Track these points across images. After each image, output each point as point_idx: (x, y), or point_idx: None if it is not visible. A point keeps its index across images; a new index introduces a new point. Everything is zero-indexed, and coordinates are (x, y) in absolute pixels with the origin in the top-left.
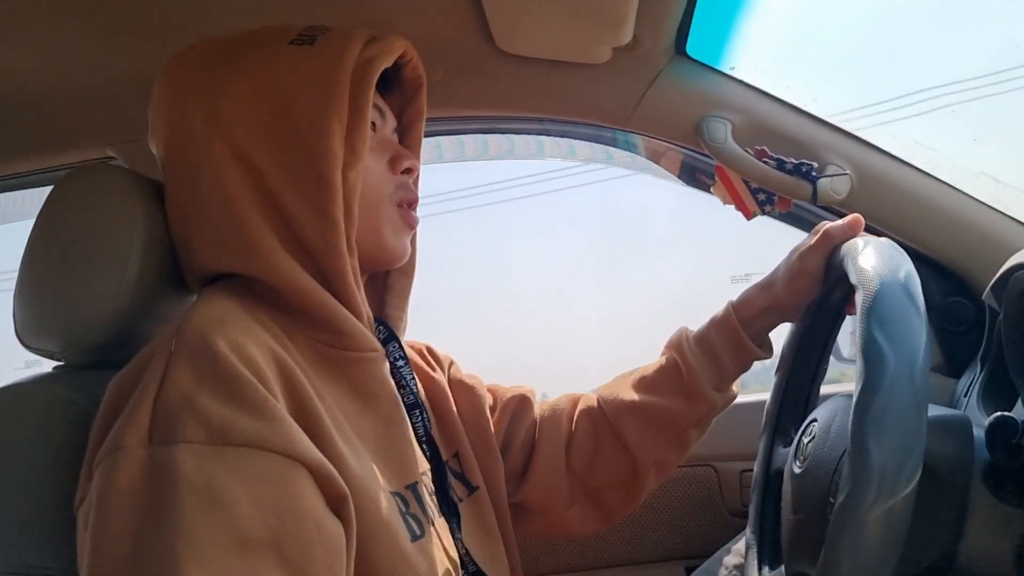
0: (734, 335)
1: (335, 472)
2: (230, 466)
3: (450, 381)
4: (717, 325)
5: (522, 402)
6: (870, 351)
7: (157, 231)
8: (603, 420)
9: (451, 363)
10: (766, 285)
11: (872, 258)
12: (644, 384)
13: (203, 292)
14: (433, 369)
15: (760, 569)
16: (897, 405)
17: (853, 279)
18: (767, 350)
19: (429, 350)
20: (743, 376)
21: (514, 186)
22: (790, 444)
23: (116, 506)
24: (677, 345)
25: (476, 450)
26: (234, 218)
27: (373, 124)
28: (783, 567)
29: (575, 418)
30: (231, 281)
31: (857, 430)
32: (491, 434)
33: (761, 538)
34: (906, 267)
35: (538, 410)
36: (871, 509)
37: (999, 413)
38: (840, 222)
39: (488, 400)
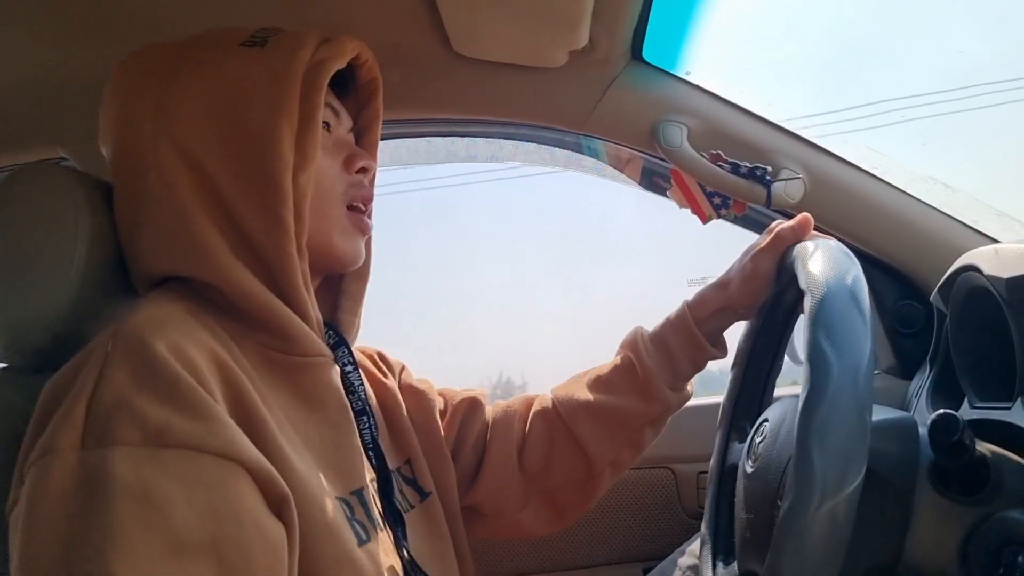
0: (689, 334)
1: (276, 473)
2: (166, 468)
3: (401, 386)
4: (672, 324)
5: (472, 404)
6: (815, 358)
7: (103, 232)
8: (558, 420)
9: (402, 368)
10: (720, 285)
11: (820, 263)
12: (599, 383)
13: (148, 295)
14: (384, 375)
15: (714, 565)
16: (840, 414)
17: (802, 284)
18: (722, 350)
19: (381, 356)
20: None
21: (469, 183)
22: (745, 439)
23: (46, 511)
24: (632, 344)
25: (427, 455)
26: (182, 221)
27: (328, 124)
28: (736, 563)
29: (529, 419)
30: (178, 284)
31: (802, 438)
32: (441, 438)
33: (716, 534)
34: (854, 272)
35: (490, 412)
36: (815, 515)
37: (941, 411)
38: (790, 223)
39: (439, 404)
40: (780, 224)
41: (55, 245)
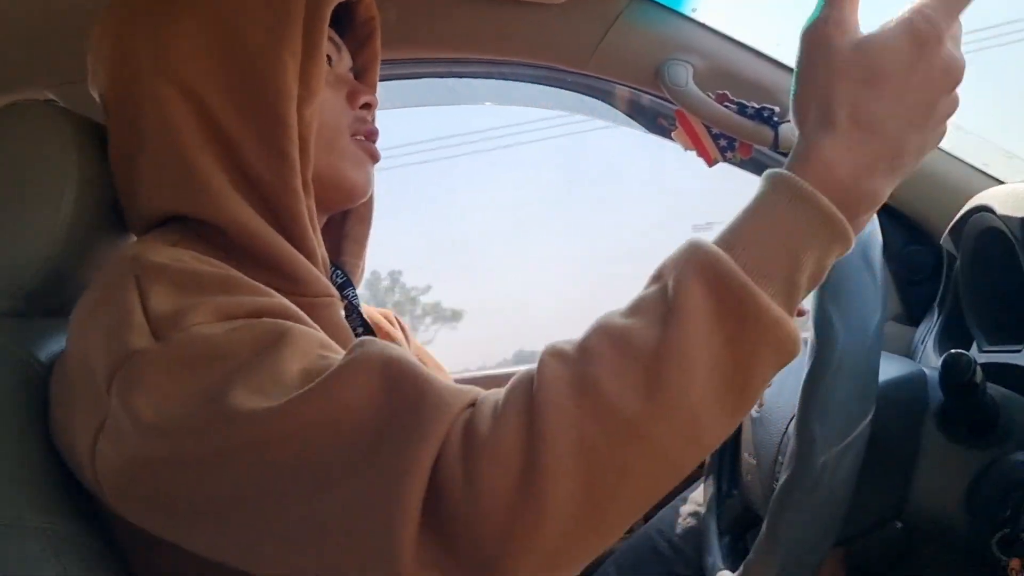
0: None
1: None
2: (251, 328)
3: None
4: None
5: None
6: (821, 327)
7: (94, 173)
8: None
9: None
10: None
11: None
12: None
13: (146, 236)
14: (396, 330)
15: (719, 502)
16: (843, 391)
17: None
18: None
19: (397, 317)
20: None
21: (477, 139)
22: None
23: (164, 392)
24: None
25: None
26: (182, 158)
27: (329, 58)
28: (737, 498)
29: None
30: (177, 224)
31: (803, 411)
32: None
33: (719, 472)
34: (868, 227)
35: None
36: (812, 491)
37: (952, 351)
38: None
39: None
40: None
41: (44, 186)
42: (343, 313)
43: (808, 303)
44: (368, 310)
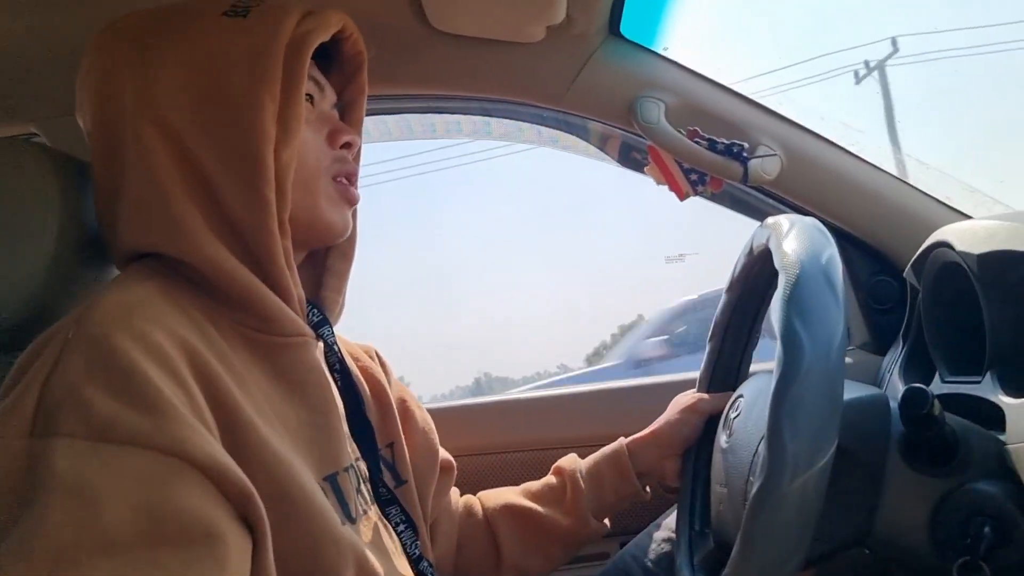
0: (622, 466)
1: (234, 471)
2: (106, 463)
3: (391, 388)
4: (607, 456)
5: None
6: (788, 340)
7: (75, 210)
8: (481, 514)
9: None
10: (653, 433)
11: (795, 241)
12: (528, 492)
13: (123, 272)
14: (375, 367)
15: (690, 538)
16: (812, 396)
17: (777, 263)
18: (646, 493)
19: (377, 353)
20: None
21: (451, 161)
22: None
23: None
24: (567, 465)
25: (418, 457)
26: (159, 197)
27: (311, 98)
28: (711, 536)
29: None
30: (154, 261)
31: (774, 418)
32: (437, 455)
33: (692, 507)
34: (828, 252)
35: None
36: (785, 494)
37: (911, 385)
38: (713, 399)
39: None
40: (701, 399)
41: (26, 225)
42: (320, 352)
43: (776, 318)
44: (348, 346)
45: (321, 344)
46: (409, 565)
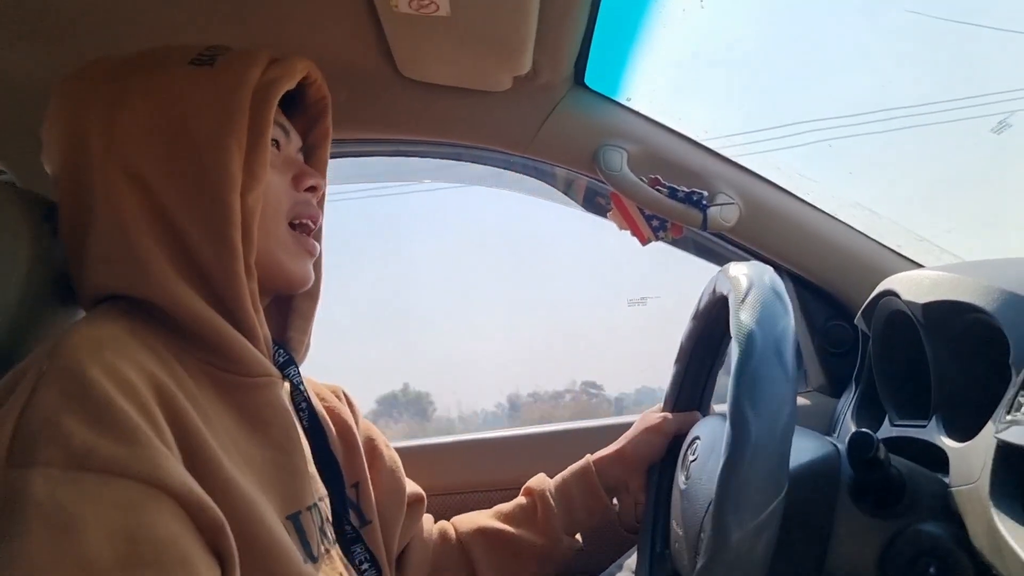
0: (590, 483)
1: (207, 501)
2: (84, 492)
3: (359, 428)
4: (575, 473)
5: (418, 500)
6: (736, 421)
7: (43, 250)
8: (455, 538)
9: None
10: (617, 451)
11: (749, 309)
12: (500, 515)
13: (91, 312)
14: (343, 405)
15: (651, 556)
16: (757, 480)
17: (732, 330)
18: (614, 506)
19: (345, 393)
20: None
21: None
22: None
23: None
24: (537, 486)
25: (384, 496)
26: (126, 241)
27: (277, 142)
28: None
29: (429, 530)
30: (122, 302)
31: (719, 499)
32: (404, 494)
33: (652, 546)
34: (782, 324)
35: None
36: (730, 572)
37: (856, 431)
38: (678, 419)
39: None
40: (666, 419)
41: None
42: (285, 392)
43: (727, 393)
44: (315, 386)
45: (287, 384)
46: None
